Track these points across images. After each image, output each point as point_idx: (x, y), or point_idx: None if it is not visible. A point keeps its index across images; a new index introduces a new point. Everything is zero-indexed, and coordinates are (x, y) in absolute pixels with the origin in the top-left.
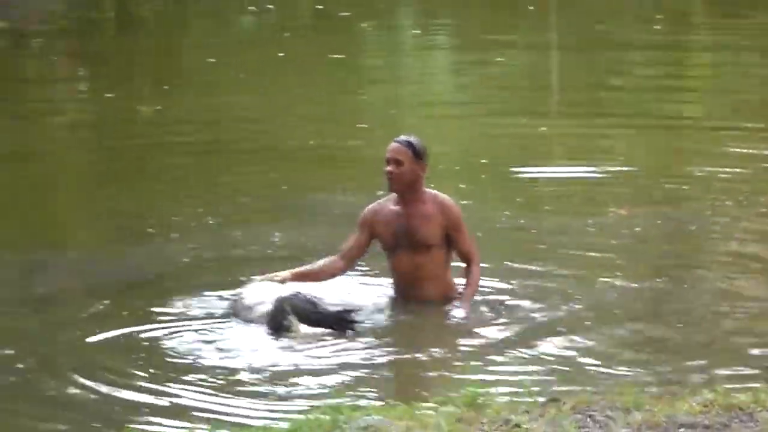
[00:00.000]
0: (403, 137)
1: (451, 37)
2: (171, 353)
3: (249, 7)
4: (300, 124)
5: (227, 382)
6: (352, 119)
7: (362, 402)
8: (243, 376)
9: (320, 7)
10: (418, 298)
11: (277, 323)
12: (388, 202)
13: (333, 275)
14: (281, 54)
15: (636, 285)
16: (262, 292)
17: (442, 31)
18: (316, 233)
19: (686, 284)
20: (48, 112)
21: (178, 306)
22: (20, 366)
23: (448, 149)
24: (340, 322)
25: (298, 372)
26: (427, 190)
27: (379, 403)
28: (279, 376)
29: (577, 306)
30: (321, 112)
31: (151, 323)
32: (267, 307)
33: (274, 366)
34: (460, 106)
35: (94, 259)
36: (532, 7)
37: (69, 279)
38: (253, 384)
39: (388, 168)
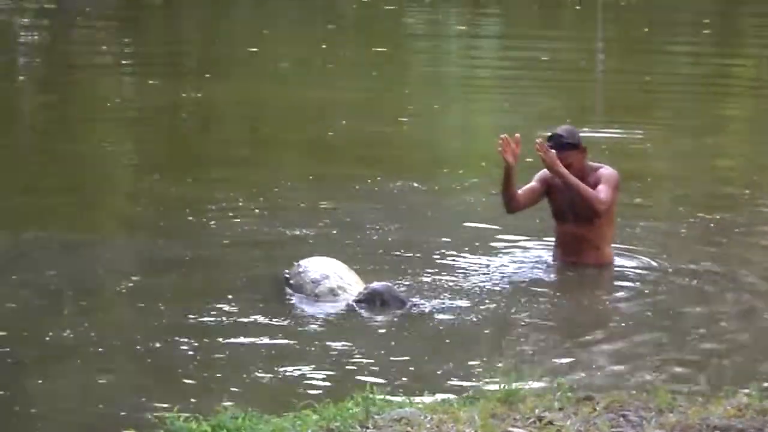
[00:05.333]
0: (557, 136)
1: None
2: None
3: None
4: (342, 116)
5: (261, 365)
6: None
7: (396, 394)
8: (276, 359)
9: None
10: (577, 264)
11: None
12: None
13: (509, 201)
14: (324, 45)
15: (676, 287)
16: (327, 267)
17: (487, 26)
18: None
19: (725, 286)
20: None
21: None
22: (33, 351)
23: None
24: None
25: (335, 359)
26: (590, 164)
27: (412, 396)
28: (315, 363)
29: (614, 306)
30: (364, 104)
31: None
32: (332, 282)
33: (310, 352)
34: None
35: (133, 242)
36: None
37: (108, 262)
38: (284, 369)
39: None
